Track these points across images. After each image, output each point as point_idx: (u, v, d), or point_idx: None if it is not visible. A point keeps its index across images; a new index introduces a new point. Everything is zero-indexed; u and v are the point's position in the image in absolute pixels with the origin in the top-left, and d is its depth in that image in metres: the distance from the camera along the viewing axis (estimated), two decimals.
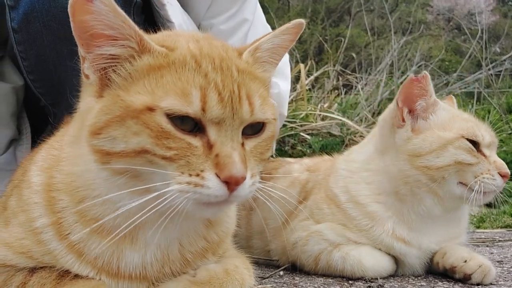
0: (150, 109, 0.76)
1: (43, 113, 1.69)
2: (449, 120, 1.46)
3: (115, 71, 0.82)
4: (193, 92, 0.77)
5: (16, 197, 0.97)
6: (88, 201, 0.86)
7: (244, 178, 0.76)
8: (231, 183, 0.76)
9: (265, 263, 1.73)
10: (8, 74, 1.64)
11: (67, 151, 0.92)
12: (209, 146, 0.78)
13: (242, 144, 0.81)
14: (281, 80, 1.96)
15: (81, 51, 0.84)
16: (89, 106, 0.83)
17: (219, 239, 1.02)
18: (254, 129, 0.85)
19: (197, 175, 0.76)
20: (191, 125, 0.78)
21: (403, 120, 1.47)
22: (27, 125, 1.68)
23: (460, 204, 1.49)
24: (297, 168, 1.88)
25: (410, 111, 1.48)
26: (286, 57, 2.08)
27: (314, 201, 1.60)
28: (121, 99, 0.79)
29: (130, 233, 0.87)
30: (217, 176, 0.76)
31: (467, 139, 1.41)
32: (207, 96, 0.77)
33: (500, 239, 2.60)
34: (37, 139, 1.64)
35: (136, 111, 0.77)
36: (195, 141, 0.78)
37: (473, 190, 1.39)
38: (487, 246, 2.41)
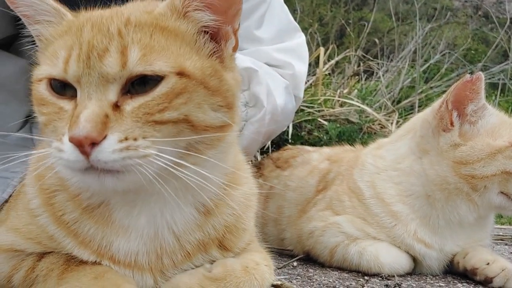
0: (40, 80, 0.79)
1: None
2: (499, 127, 1.37)
3: (41, 51, 0.84)
4: (60, 54, 0.76)
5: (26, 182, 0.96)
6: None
7: (89, 139, 0.68)
8: (78, 145, 0.69)
9: (279, 252, 1.70)
10: (26, 50, 1.62)
11: None
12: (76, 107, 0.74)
13: (117, 105, 0.73)
14: (296, 61, 1.90)
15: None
16: None
17: (217, 234, 0.92)
18: (150, 85, 0.74)
19: (60, 139, 0.73)
20: (72, 90, 0.76)
21: (452, 124, 1.37)
22: None
23: (495, 212, 1.44)
24: (316, 157, 1.84)
25: (459, 115, 1.38)
26: (302, 37, 2.02)
27: (335, 192, 1.55)
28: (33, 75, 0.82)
29: (106, 215, 0.85)
30: None
31: None
32: (70, 56, 0.74)
33: None
34: None
35: (34, 84, 0.80)
36: (68, 105, 0.75)
37: None
38: (506, 244, 2.35)
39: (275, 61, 1.87)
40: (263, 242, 1.13)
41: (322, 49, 4.42)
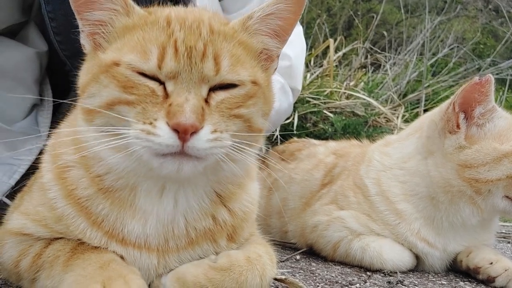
0: (116, 64, 0.81)
1: (65, 81, 1.67)
2: (507, 131, 1.34)
3: (101, 35, 0.88)
4: (152, 50, 0.81)
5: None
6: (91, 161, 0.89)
7: (194, 127, 0.76)
8: (180, 132, 0.76)
9: (282, 244, 1.71)
10: (32, 39, 1.63)
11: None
12: (166, 96, 0.80)
13: (206, 101, 0.81)
14: (293, 51, 1.90)
15: (79, 24, 0.89)
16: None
17: (233, 221, 0.97)
18: (227, 86, 0.85)
19: (150, 123, 0.78)
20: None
21: (458, 127, 1.35)
22: (49, 91, 1.67)
23: (499, 216, 1.43)
24: (322, 150, 1.83)
25: (466, 117, 1.36)
26: (299, 28, 2.01)
27: (341, 187, 1.55)
28: (98, 58, 0.85)
29: (128, 198, 0.89)
30: (168, 124, 0.77)
31: None
32: (165, 53, 0.80)
33: None
34: (58, 106, 1.64)
35: (106, 66, 0.82)
36: (159, 90, 0.80)
37: None
38: (509, 242, 2.35)
39: None
40: (266, 234, 1.14)
41: (331, 41, 4.38)
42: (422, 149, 1.44)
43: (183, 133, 0.76)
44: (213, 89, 0.83)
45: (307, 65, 4.53)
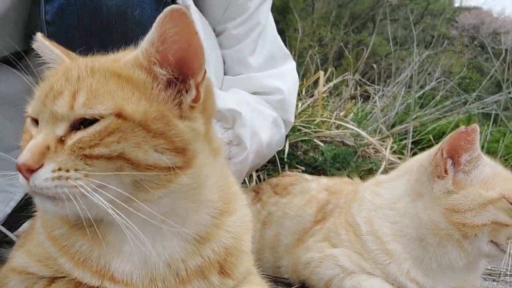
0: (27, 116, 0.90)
1: None
2: (492, 178, 1.40)
3: None
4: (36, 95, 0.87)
5: None
6: None
7: (25, 166, 0.76)
8: (18, 171, 0.78)
9: (274, 279, 1.72)
10: (34, 67, 1.64)
11: None
12: None
13: (62, 139, 0.79)
14: (286, 85, 1.95)
15: None
16: None
17: (218, 257, 0.94)
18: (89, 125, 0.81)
19: None
20: None
21: (446, 172, 1.40)
22: None
23: (485, 260, 1.47)
24: (315, 186, 1.87)
25: (454, 163, 1.41)
26: (293, 64, 2.06)
27: (333, 225, 1.58)
28: None
29: (101, 234, 0.87)
30: None
31: (508, 200, 1.36)
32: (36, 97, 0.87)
33: (507, 272, 2.55)
34: None
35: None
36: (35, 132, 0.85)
37: (504, 252, 1.36)
38: (494, 280, 2.37)
39: (266, 88, 1.92)
40: (259, 268, 1.15)
41: (321, 72, 4.49)
42: (411, 191, 1.49)
43: (20, 171, 0.77)
44: (77, 127, 0.79)
45: (299, 94, 4.61)
